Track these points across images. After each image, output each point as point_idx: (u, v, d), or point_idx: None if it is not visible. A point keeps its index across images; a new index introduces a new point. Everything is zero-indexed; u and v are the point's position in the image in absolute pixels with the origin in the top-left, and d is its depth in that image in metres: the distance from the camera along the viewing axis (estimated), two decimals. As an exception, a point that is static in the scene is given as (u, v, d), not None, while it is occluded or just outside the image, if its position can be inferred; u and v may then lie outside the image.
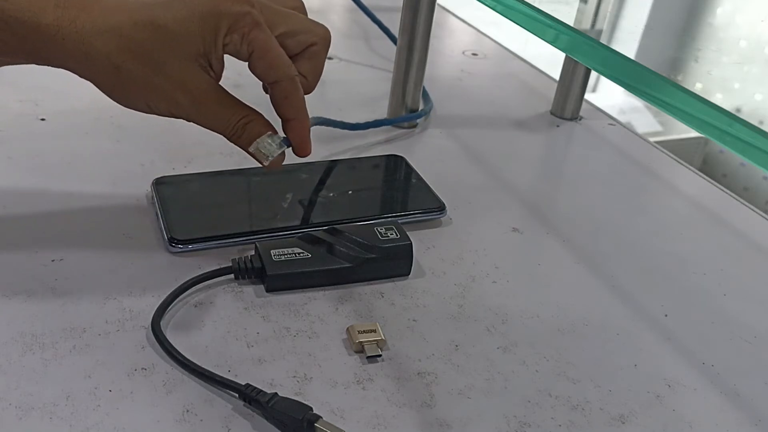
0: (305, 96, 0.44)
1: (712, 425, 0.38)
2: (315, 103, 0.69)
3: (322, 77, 0.46)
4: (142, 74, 0.39)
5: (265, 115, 0.43)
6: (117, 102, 0.41)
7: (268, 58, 0.41)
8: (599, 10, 0.68)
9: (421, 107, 0.65)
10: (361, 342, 0.39)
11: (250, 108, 0.42)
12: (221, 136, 0.42)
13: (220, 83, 0.42)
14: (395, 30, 0.66)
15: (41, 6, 0.38)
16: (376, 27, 0.81)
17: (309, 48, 0.44)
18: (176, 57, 0.39)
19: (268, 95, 0.44)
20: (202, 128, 0.42)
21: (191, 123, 0.42)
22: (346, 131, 0.61)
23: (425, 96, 0.69)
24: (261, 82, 0.44)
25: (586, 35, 0.61)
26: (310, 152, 0.45)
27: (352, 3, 0.83)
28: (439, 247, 0.49)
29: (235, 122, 0.42)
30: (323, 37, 0.45)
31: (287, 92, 0.42)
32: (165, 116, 0.41)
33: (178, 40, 0.39)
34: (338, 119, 0.61)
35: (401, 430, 0.35)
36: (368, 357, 0.39)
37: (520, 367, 0.40)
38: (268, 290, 0.43)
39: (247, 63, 0.41)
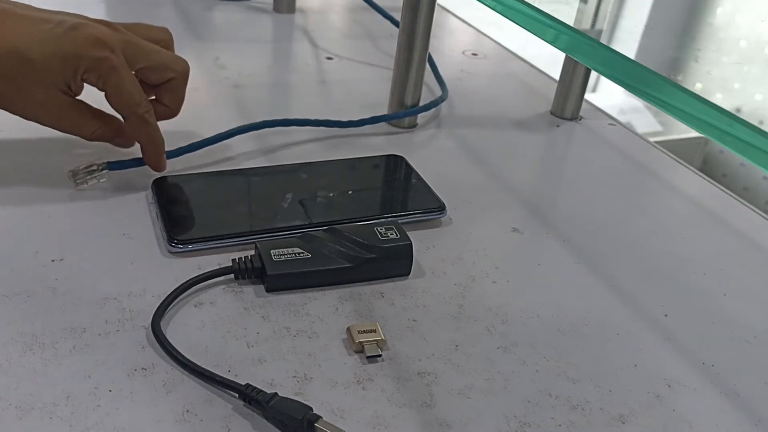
0: (170, 119, 0.53)
1: (712, 425, 0.38)
2: (315, 103, 0.70)
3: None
4: (9, 94, 0.47)
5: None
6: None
7: (118, 98, 0.47)
8: (599, 10, 0.68)
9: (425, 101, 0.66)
10: (361, 342, 0.39)
11: (105, 117, 0.50)
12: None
13: (79, 99, 0.49)
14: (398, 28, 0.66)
15: None
16: (376, 27, 0.81)
17: (169, 82, 0.51)
18: (38, 85, 0.46)
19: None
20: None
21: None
22: (345, 130, 0.61)
23: (442, 86, 0.69)
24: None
25: (586, 35, 0.61)
26: (164, 168, 0.52)
27: (352, 3, 0.83)
28: (439, 247, 0.49)
29: (90, 133, 0.50)
30: (181, 72, 0.51)
31: (135, 126, 0.49)
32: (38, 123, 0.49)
33: (41, 73, 0.46)
34: (338, 119, 0.61)
35: (401, 430, 0.35)
36: (368, 357, 0.39)
37: (520, 367, 0.40)
38: (268, 290, 0.43)
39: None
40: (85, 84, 0.48)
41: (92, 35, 0.46)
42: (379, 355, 0.39)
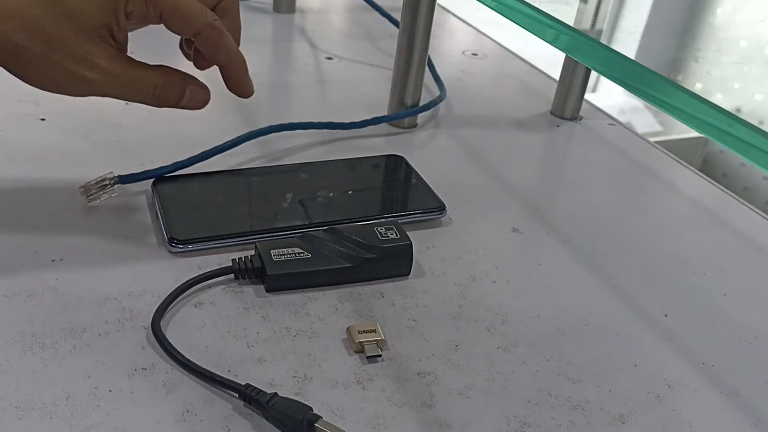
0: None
1: (712, 425, 0.38)
2: (315, 103, 0.70)
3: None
4: (41, 52, 0.38)
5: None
6: (33, 85, 0.41)
7: (179, 12, 0.40)
8: (599, 10, 0.68)
9: (424, 102, 0.66)
10: (361, 342, 0.39)
11: (162, 67, 0.42)
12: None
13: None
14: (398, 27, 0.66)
15: None
16: (376, 27, 0.81)
17: (218, 5, 0.43)
18: (73, 31, 0.38)
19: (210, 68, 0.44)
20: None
21: (120, 99, 0.42)
22: (345, 131, 0.61)
23: (440, 86, 0.69)
24: (194, 55, 0.45)
25: (586, 35, 0.61)
26: (252, 92, 0.45)
27: (352, 3, 0.83)
28: (439, 247, 0.49)
29: (153, 88, 0.41)
30: None
31: (211, 39, 0.41)
32: (84, 96, 0.41)
33: (74, 13, 0.38)
34: (340, 121, 0.61)
35: (401, 430, 0.35)
36: (368, 357, 0.39)
37: (520, 367, 0.40)
38: (268, 290, 0.43)
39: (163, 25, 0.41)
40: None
41: None
42: (379, 355, 0.39)
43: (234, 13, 0.44)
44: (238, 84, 0.44)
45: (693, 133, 1.53)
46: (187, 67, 0.45)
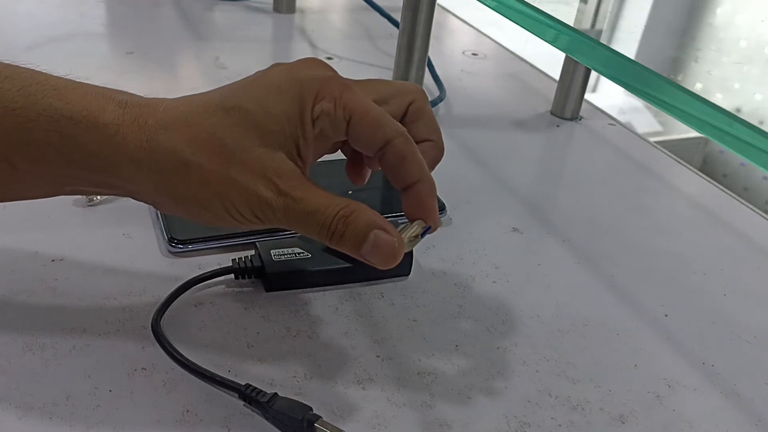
0: (438, 162, 0.38)
1: (712, 425, 0.38)
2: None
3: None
4: (215, 167, 0.32)
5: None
6: (188, 217, 0.34)
7: (371, 117, 0.33)
8: (599, 10, 0.68)
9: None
10: None
11: (351, 201, 0.34)
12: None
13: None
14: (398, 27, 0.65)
15: (100, 105, 0.33)
16: (376, 27, 0.81)
17: (410, 107, 0.37)
18: (256, 142, 0.32)
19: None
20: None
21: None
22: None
23: (440, 86, 0.69)
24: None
25: (586, 35, 0.61)
26: (439, 223, 0.36)
27: (352, 3, 0.83)
28: (439, 247, 0.49)
29: (334, 214, 0.33)
30: (418, 91, 0.38)
31: (404, 151, 0.34)
32: (247, 225, 0.34)
33: (257, 121, 0.32)
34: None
35: (401, 430, 0.35)
36: None
37: (520, 367, 0.40)
38: (268, 290, 0.43)
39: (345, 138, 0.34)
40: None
41: (306, 61, 0.34)
42: None
43: (427, 113, 0.38)
44: (426, 209, 0.35)
45: (693, 133, 1.53)
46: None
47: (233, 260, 0.43)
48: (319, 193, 0.33)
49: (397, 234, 0.34)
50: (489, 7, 0.64)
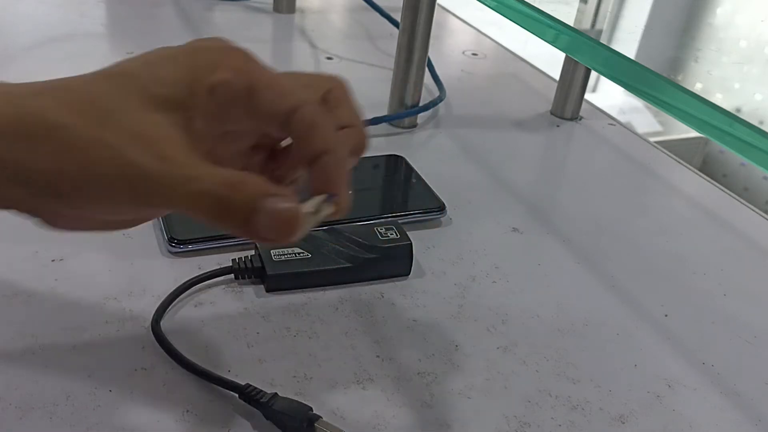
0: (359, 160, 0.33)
1: (712, 425, 0.38)
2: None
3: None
4: (86, 131, 0.27)
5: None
6: (58, 209, 0.31)
7: (277, 85, 0.30)
8: (599, 10, 0.68)
9: (424, 101, 0.66)
10: None
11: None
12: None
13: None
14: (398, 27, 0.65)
15: None
16: (376, 27, 0.81)
17: (328, 94, 0.33)
18: (137, 105, 0.28)
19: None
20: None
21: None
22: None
23: (440, 86, 0.69)
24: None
25: (586, 35, 0.61)
26: (347, 207, 0.32)
27: (352, 3, 0.83)
28: (439, 247, 0.49)
29: (219, 180, 0.27)
30: (338, 80, 0.34)
31: (313, 119, 0.30)
32: (123, 211, 0.31)
33: (142, 84, 0.28)
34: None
35: (401, 430, 0.35)
36: None
37: (520, 367, 0.40)
38: (268, 290, 0.43)
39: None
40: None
41: (213, 37, 0.31)
42: None
43: (347, 102, 0.34)
44: (333, 181, 0.30)
45: (693, 133, 1.53)
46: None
47: (233, 260, 0.43)
48: (205, 163, 0.28)
49: (296, 203, 0.28)
50: (489, 7, 0.65)
